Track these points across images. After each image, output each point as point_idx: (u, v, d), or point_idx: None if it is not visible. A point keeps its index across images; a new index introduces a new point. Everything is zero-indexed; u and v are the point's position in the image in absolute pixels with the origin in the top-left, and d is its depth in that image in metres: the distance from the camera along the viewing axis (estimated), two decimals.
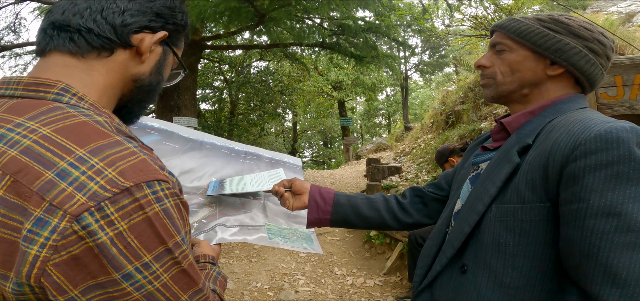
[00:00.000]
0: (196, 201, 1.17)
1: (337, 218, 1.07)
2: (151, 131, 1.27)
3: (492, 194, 0.74)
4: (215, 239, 1.05)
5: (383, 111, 25.10)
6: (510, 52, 0.82)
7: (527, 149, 0.73)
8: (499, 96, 0.85)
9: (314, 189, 1.09)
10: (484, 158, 0.86)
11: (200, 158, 1.29)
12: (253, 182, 1.17)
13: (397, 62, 8.80)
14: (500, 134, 0.86)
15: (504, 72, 0.82)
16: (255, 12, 5.69)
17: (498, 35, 0.85)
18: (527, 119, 0.80)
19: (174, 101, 6.61)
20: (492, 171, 0.77)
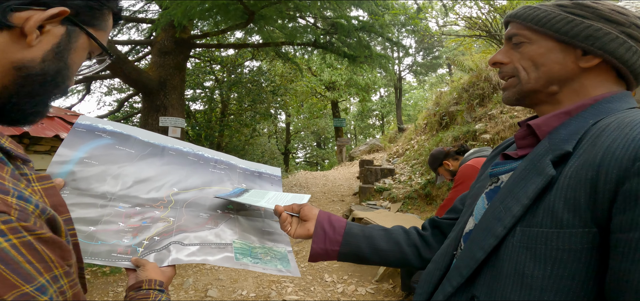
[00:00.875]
0: (150, 215, 1.00)
1: (348, 250, 0.91)
2: (102, 134, 1.09)
3: (516, 215, 0.59)
4: (168, 260, 0.90)
5: (377, 111, 25.04)
6: (529, 44, 0.69)
7: (566, 158, 0.58)
8: (523, 96, 0.71)
9: (323, 215, 0.95)
10: (505, 169, 0.71)
11: (161, 166, 1.12)
12: (271, 199, 1.06)
13: (391, 63, 8.69)
14: (527, 140, 0.70)
15: (526, 66, 0.69)
16: (244, 10, 5.52)
17: (514, 26, 0.72)
18: (562, 120, 0.65)
19: (160, 100, 6.41)
20: (516, 185, 0.62)
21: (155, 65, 6.67)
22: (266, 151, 14.59)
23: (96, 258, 0.87)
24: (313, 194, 8.20)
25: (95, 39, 0.56)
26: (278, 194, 1.13)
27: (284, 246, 1.10)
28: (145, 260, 0.88)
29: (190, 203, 1.09)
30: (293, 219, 0.97)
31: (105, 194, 0.99)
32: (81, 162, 1.01)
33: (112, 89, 10.89)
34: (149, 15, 9.27)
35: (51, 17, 0.49)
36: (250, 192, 1.13)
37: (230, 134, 11.16)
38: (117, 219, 0.96)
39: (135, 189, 1.04)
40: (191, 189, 1.13)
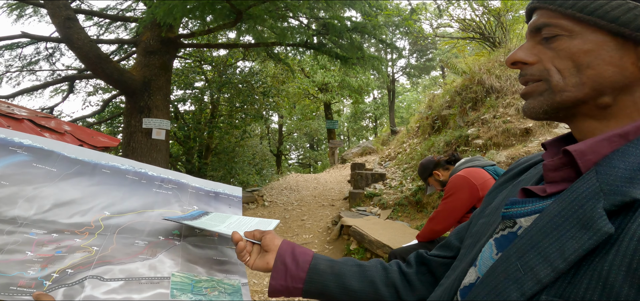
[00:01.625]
0: (68, 243, 0.83)
1: (313, 288, 0.78)
2: (17, 150, 0.92)
3: (544, 281, 0.43)
4: (79, 297, 0.74)
5: (370, 113, 24.96)
6: (569, 38, 0.52)
7: (628, 208, 0.41)
8: (556, 109, 0.53)
9: (285, 247, 0.82)
10: (526, 210, 0.53)
11: (90, 186, 0.95)
12: (232, 224, 0.93)
13: (384, 64, 8.57)
14: (563, 172, 0.52)
15: (563, 68, 0.52)
16: (231, 9, 5.33)
17: (543, 14, 0.55)
18: (616, 146, 0.48)
19: (144, 101, 6.19)
20: (544, 238, 0.45)
21: (139, 65, 6.45)
22: (258, 152, 14.39)
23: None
24: (303, 198, 8.03)
25: None
26: (242, 218, 0.99)
27: (238, 278, 0.93)
28: (48, 295, 0.72)
29: (124, 228, 0.92)
30: (253, 248, 0.85)
31: (15, 219, 0.83)
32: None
33: (98, 88, 10.62)
34: (137, 13, 9.05)
35: None
36: (210, 215, 0.99)
37: (220, 135, 10.95)
38: (25, 247, 0.80)
39: (54, 213, 0.87)
40: (127, 213, 0.95)
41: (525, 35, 0.59)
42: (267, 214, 6.93)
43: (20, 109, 4.14)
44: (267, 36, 6.85)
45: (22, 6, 7.86)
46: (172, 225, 0.96)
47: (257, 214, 6.87)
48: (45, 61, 9.04)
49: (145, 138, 6.15)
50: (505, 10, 9.18)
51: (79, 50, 5.62)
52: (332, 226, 5.58)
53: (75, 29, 5.58)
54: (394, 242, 3.56)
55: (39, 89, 8.32)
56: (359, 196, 6.36)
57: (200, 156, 10.73)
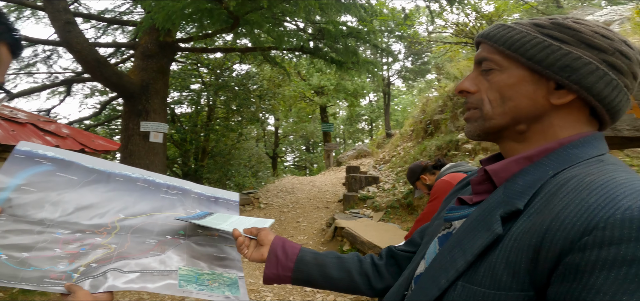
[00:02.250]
0: (90, 242, 0.96)
1: (300, 276, 0.92)
2: (42, 161, 1.05)
3: (460, 269, 0.55)
4: (103, 287, 0.87)
5: (366, 116, 25.13)
6: (500, 71, 0.61)
7: (516, 215, 0.53)
8: (486, 133, 0.64)
9: (277, 241, 0.96)
10: (458, 215, 0.66)
11: (106, 192, 1.08)
12: (233, 223, 1.06)
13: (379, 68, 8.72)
14: (484, 185, 0.64)
15: (493, 99, 0.62)
16: (228, 14, 5.46)
17: (485, 48, 0.64)
18: (521, 167, 0.59)
19: (142, 105, 6.30)
20: (464, 237, 0.58)
21: (137, 68, 6.56)
22: (253, 155, 14.48)
23: (27, 283, 0.85)
24: (298, 200, 8.16)
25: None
26: (242, 218, 1.11)
27: (235, 272, 1.07)
28: (78, 286, 0.85)
29: (136, 229, 1.05)
30: (250, 243, 0.99)
31: (43, 221, 0.96)
32: (18, 189, 0.98)
33: (95, 91, 10.69)
34: (135, 16, 9.15)
35: None
36: (214, 215, 1.12)
37: (216, 138, 11.05)
38: (54, 245, 0.94)
39: (76, 215, 1.01)
40: (139, 216, 1.08)
41: None
42: (263, 216, 7.05)
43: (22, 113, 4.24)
44: (264, 40, 6.98)
45: (20, 8, 7.92)
46: (178, 225, 1.09)
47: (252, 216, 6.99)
48: (43, 63, 9.12)
49: (142, 141, 6.25)
50: (496, 15, 9.39)
51: (78, 54, 5.71)
52: (327, 228, 5.71)
53: (75, 33, 5.67)
54: (384, 243, 3.70)
55: (37, 92, 8.38)
56: (353, 198, 6.50)
57: (196, 158, 10.82)
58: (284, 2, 5.78)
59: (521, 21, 0.62)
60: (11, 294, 3.37)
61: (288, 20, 6.97)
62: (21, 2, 7.18)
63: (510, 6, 9.53)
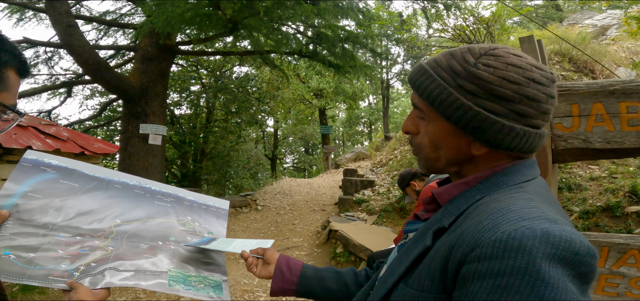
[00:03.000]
0: (89, 244, 1.06)
1: (302, 289, 1.06)
2: (47, 169, 1.14)
3: (400, 272, 0.66)
4: (101, 283, 0.96)
5: (364, 119, 25.22)
6: (429, 122, 0.67)
7: (443, 232, 0.63)
8: (430, 171, 0.74)
9: (282, 259, 1.08)
10: (413, 228, 0.77)
11: (105, 199, 1.17)
12: (238, 246, 1.14)
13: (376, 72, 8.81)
14: (432, 205, 0.73)
15: (428, 145, 0.68)
16: (226, 20, 5.56)
17: (414, 95, 0.69)
18: (460, 190, 0.67)
19: (141, 107, 6.39)
20: (410, 246, 0.69)
21: (137, 71, 6.65)
22: (252, 156, 14.57)
23: (34, 280, 0.95)
24: (295, 202, 8.24)
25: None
26: (244, 241, 1.21)
27: (219, 275, 1.16)
28: (79, 283, 0.94)
29: (131, 234, 1.14)
30: (258, 262, 1.10)
31: (47, 225, 1.06)
32: (25, 195, 1.08)
33: (95, 92, 10.78)
34: (136, 19, 9.25)
35: None
36: (218, 240, 1.20)
37: (215, 140, 11.13)
38: (57, 247, 1.03)
39: (77, 220, 1.10)
40: (134, 221, 1.18)
41: None
42: (259, 217, 7.13)
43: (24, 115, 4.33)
44: (263, 43, 7.08)
45: (22, 10, 8.01)
46: (169, 233, 1.18)
47: (249, 218, 7.06)
48: (44, 64, 9.20)
49: (141, 143, 6.34)
50: (493, 20, 9.49)
51: (78, 56, 5.80)
52: (322, 230, 5.80)
53: (76, 35, 5.75)
54: (375, 246, 3.79)
55: (38, 93, 8.47)
56: (348, 201, 6.59)
57: (195, 160, 10.91)
58: (280, 7, 5.88)
59: (440, 62, 0.65)
60: (11, 292, 3.47)
61: (287, 24, 7.06)
62: (24, 5, 7.28)
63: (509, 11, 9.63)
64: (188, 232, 1.20)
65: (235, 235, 5.94)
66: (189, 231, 1.20)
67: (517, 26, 13.29)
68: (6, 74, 0.62)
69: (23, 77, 0.68)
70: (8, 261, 0.95)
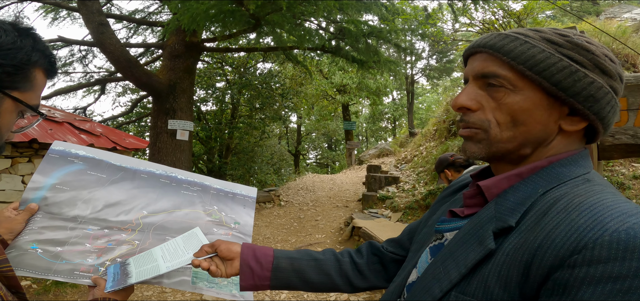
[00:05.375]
0: (116, 237, 1.06)
1: (278, 283, 0.90)
2: (74, 160, 1.15)
3: (453, 281, 0.57)
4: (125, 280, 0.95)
5: (388, 115, 24.88)
6: (512, 92, 0.57)
7: (507, 231, 0.55)
8: (491, 156, 0.62)
9: (247, 252, 0.90)
10: (450, 227, 0.67)
11: (131, 189, 1.17)
12: (166, 255, 0.97)
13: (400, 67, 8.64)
14: (476, 199, 0.65)
15: (502, 122, 0.58)
16: (249, 16, 5.60)
17: (490, 61, 0.59)
18: (511, 183, 0.60)
19: (170, 104, 6.55)
20: (457, 249, 0.60)
21: (165, 68, 6.82)
22: (276, 152, 14.69)
23: (59, 275, 0.94)
24: (318, 199, 8.23)
25: (19, 101, 0.59)
26: (166, 245, 1.04)
27: None
28: (103, 279, 0.93)
29: (157, 226, 1.13)
30: (215, 260, 0.90)
31: (76, 218, 1.06)
32: (53, 188, 1.08)
33: (127, 89, 11.19)
34: (162, 17, 9.50)
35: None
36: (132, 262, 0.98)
37: (239, 135, 11.30)
38: (85, 240, 1.03)
39: (105, 212, 1.10)
40: (160, 213, 1.17)
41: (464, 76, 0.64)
42: (283, 213, 7.16)
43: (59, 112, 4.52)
44: (285, 39, 7.09)
45: (57, 10, 8.36)
46: (195, 224, 1.16)
47: (272, 214, 7.11)
48: (79, 63, 9.63)
49: (170, 139, 6.51)
50: (525, 14, 9.06)
51: (110, 54, 6.01)
52: (345, 227, 5.75)
53: (108, 34, 5.97)
54: None
55: (73, 91, 8.87)
56: (372, 198, 6.50)
57: (220, 155, 11.11)
58: (303, 3, 5.85)
59: (526, 32, 0.58)
60: (45, 286, 3.58)
61: (309, 20, 7.04)
62: (57, 4, 7.60)
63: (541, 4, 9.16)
64: (214, 223, 1.17)
65: (259, 231, 5.99)
66: (215, 222, 1.18)
67: (551, 20, 12.66)
68: (34, 74, 0.61)
69: (50, 78, 0.67)
70: (35, 256, 0.95)
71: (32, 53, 0.59)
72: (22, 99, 0.60)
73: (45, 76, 0.65)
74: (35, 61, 0.60)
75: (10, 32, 0.58)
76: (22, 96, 0.60)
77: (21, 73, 0.59)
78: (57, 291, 3.55)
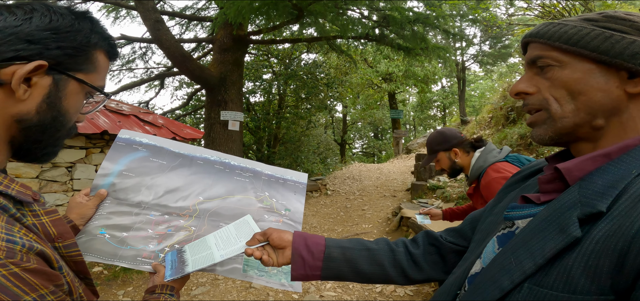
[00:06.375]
0: (175, 223, 1.11)
1: (329, 273, 0.88)
2: (139, 148, 1.23)
3: (527, 271, 0.53)
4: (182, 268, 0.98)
5: (438, 102, 23.91)
6: (560, 68, 0.58)
7: (595, 217, 0.50)
8: (559, 135, 0.60)
9: (299, 241, 0.89)
10: (523, 214, 0.62)
11: (189, 175, 1.23)
12: (219, 243, 1.00)
13: (450, 54, 8.22)
14: (554, 184, 0.60)
15: (560, 97, 0.59)
16: (293, 6, 5.63)
17: (536, 47, 0.62)
18: (597, 165, 0.56)
19: (221, 95, 6.84)
20: (532, 238, 0.55)
21: (216, 62, 7.11)
22: (322, 142, 14.79)
23: (123, 261, 0.99)
24: (365, 188, 8.16)
25: (83, 82, 0.60)
26: (219, 232, 1.06)
27: None
28: (162, 266, 0.97)
29: (212, 212, 1.18)
30: (267, 249, 0.91)
31: (140, 203, 1.12)
32: (120, 174, 1.15)
33: (183, 83, 11.87)
34: (211, 12, 9.90)
35: (31, 70, 0.52)
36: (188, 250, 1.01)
37: (286, 125, 11.52)
38: (147, 226, 1.08)
39: (166, 198, 1.16)
40: (215, 199, 1.21)
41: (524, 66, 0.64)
42: (329, 202, 7.21)
43: (126, 105, 4.92)
44: (328, 29, 7.04)
45: (117, 9, 8.99)
46: (247, 210, 1.19)
47: (319, 203, 7.18)
48: (140, 59, 10.37)
49: (222, 129, 6.82)
50: None
51: (167, 49, 6.39)
52: (392, 217, 5.65)
53: (163, 30, 6.33)
54: None
55: (136, 86, 9.59)
56: (422, 187, 6.31)
57: (268, 145, 11.43)
58: None
59: (569, 19, 0.60)
60: (114, 272, 3.81)
61: (352, 8, 6.92)
62: (117, 3, 8.18)
63: None
64: (265, 209, 1.19)
65: (306, 220, 6.08)
66: (266, 208, 1.20)
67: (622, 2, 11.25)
68: (95, 56, 0.62)
69: (112, 60, 0.67)
70: (103, 241, 1.00)
71: (91, 35, 0.60)
72: (86, 80, 0.61)
73: (107, 58, 0.65)
74: (95, 42, 0.61)
75: (66, 15, 0.58)
76: (86, 77, 0.61)
77: (83, 55, 0.59)
78: (124, 277, 3.77)
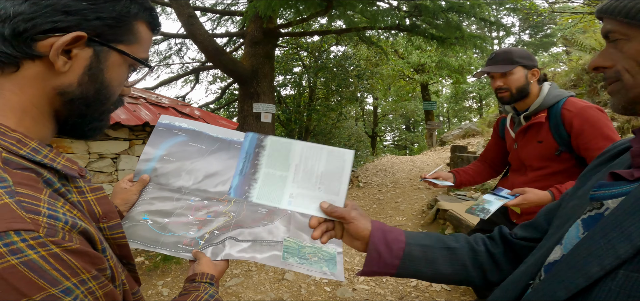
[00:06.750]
0: (215, 209, 1.09)
1: (404, 272, 0.82)
2: (178, 132, 1.23)
3: (622, 256, 0.47)
4: (221, 255, 0.97)
5: (474, 93, 22.99)
6: (628, 41, 0.59)
7: None
8: (632, 103, 0.60)
9: (377, 234, 0.83)
10: (613, 192, 0.57)
11: (227, 159, 1.21)
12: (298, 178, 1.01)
13: (488, 43, 7.82)
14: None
15: (630, 68, 0.59)
16: None
17: (607, 21, 0.63)
18: None
19: (253, 88, 6.93)
20: (627, 219, 0.49)
21: (247, 55, 7.21)
22: (353, 134, 14.67)
23: (165, 248, 0.98)
24: (398, 180, 8.00)
25: (125, 53, 0.58)
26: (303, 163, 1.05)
27: (334, 246, 1.06)
28: (202, 253, 0.96)
29: None
30: (335, 226, 0.88)
31: (180, 189, 1.12)
32: (162, 159, 1.15)
33: (216, 78, 12.18)
34: (240, 7, 10.04)
35: (70, 42, 0.51)
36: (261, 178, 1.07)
37: (317, 118, 11.52)
38: (188, 212, 1.06)
39: (205, 183, 1.15)
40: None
41: None
42: (361, 194, 7.14)
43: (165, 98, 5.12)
44: (358, 20, 6.91)
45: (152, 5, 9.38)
46: None
47: (351, 195, 7.12)
48: (176, 55, 10.73)
49: (255, 121, 6.92)
50: None
51: (200, 44, 6.55)
52: (427, 209, 5.50)
53: (197, 25, 6.49)
54: None
55: (173, 81, 9.94)
56: None
57: (300, 137, 11.50)
58: None
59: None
60: (155, 262, 3.86)
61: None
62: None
63: None
64: None
65: None
66: None
67: None
68: (137, 27, 0.60)
69: (154, 31, 0.65)
70: (146, 227, 1.00)
71: (131, 5, 0.58)
72: (128, 52, 0.59)
73: (149, 29, 0.63)
74: (135, 13, 0.59)
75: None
76: (128, 49, 0.59)
77: (124, 26, 0.58)
78: (164, 267, 3.84)
